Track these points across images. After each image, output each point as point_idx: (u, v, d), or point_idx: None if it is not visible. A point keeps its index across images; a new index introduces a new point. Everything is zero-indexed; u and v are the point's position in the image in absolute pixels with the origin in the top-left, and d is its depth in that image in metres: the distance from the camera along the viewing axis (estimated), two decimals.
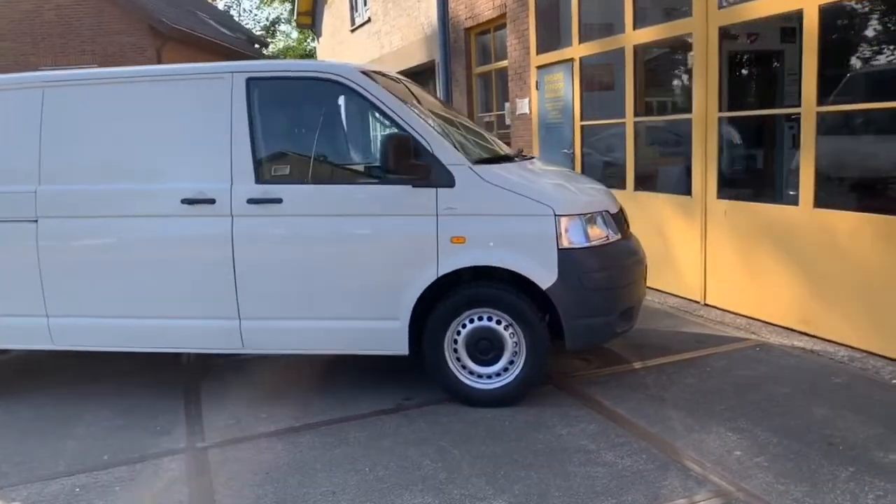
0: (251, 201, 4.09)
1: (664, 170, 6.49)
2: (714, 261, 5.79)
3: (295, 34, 37.16)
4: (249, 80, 4.16)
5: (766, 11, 5.10)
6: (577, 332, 3.99)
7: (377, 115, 4.05)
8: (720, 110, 5.60)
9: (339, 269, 4.07)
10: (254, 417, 4.16)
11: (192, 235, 4.17)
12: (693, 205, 5.92)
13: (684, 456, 3.42)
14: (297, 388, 4.56)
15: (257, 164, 4.12)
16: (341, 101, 4.10)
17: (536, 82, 8.31)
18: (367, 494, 3.22)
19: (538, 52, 8.24)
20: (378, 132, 4.19)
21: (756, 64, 5.86)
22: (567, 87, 7.61)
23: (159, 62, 16.51)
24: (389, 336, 4.09)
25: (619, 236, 4.19)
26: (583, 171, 7.53)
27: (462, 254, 3.96)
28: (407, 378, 4.54)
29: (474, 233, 3.95)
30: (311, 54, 28.77)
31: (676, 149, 6.13)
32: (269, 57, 30.36)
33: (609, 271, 4.04)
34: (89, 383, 4.86)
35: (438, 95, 11.19)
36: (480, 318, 4.06)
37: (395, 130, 3.97)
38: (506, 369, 4.09)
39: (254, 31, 36.98)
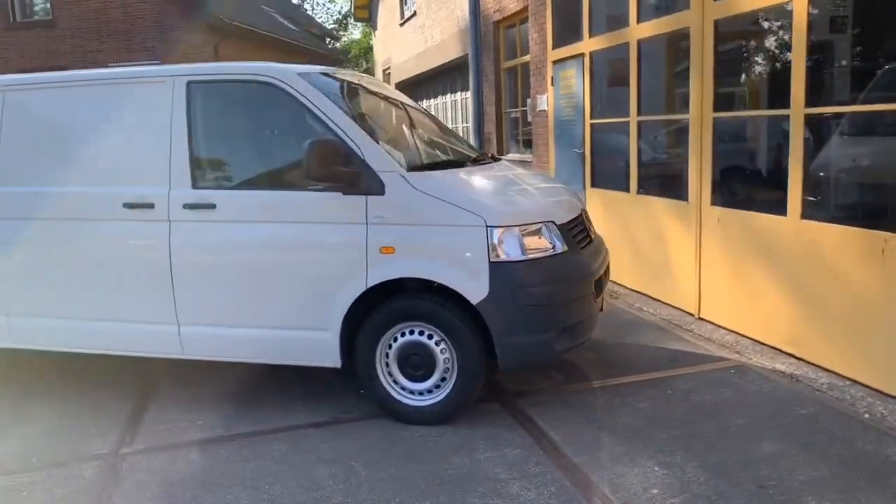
0: (187, 206, 4.05)
1: (665, 172, 6.11)
2: (708, 272, 5.40)
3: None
4: (189, 84, 4.12)
5: (761, 3, 4.68)
6: (510, 350, 3.77)
7: (311, 119, 3.92)
8: (715, 110, 5.20)
9: (270, 278, 3.98)
10: (189, 423, 4.14)
11: (133, 239, 4.17)
12: (689, 211, 5.53)
13: (595, 492, 3.17)
14: (247, 395, 4.51)
15: (194, 168, 4.08)
16: (277, 104, 3.98)
17: (552, 78, 8.00)
18: None
19: (554, 47, 7.92)
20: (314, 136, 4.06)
21: (759, 60, 5.40)
22: (578, 84, 7.28)
23: (216, 58, 16.94)
24: (320, 347, 3.98)
25: (564, 248, 3.92)
26: (592, 173, 7.20)
27: (391, 264, 3.80)
28: (354, 390, 4.41)
29: (404, 243, 3.78)
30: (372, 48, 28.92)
31: (677, 150, 5.74)
32: (337, 51, 30.75)
33: (548, 286, 3.79)
34: (55, 380, 4.95)
35: (471, 90, 10.99)
36: (412, 332, 3.89)
37: (328, 135, 3.84)
38: (437, 386, 3.91)
39: (326, 24, 37.55)
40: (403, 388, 3.96)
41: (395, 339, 3.92)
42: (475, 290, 3.70)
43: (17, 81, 4.52)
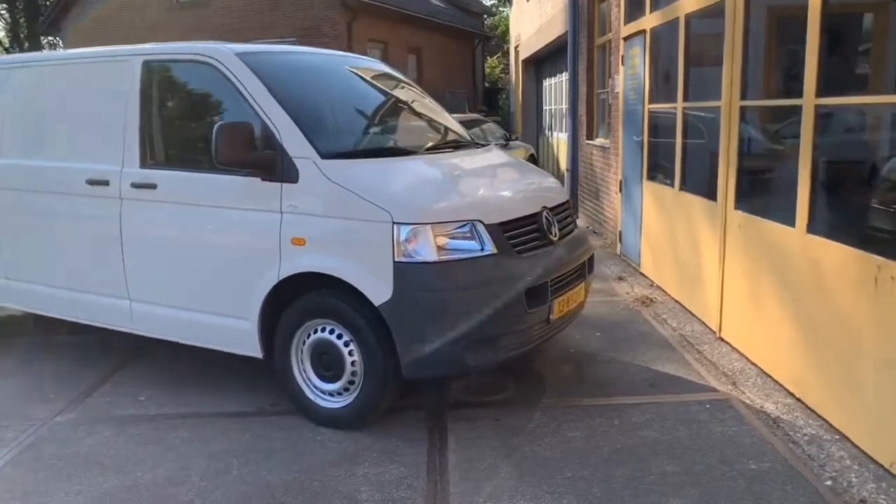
0: (134, 185, 4.09)
1: (704, 167, 5.33)
2: (730, 286, 4.66)
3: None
4: (144, 63, 4.14)
5: None
6: (414, 359, 3.45)
7: (241, 100, 3.78)
8: (742, 98, 4.43)
9: (199, 262, 3.93)
10: (132, 400, 4.22)
11: (92, 215, 4.29)
12: (716, 213, 4.80)
13: None
14: (206, 375, 4.48)
15: (143, 148, 4.11)
16: (215, 84, 3.88)
17: (623, 56, 7.29)
18: (108, 497, 3.11)
19: (625, 22, 7.20)
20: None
21: (785, 43, 4.51)
22: (640, 64, 6.56)
23: (349, 36, 17.35)
24: (242, 336, 3.88)
25: (493, 250, 3.51)
26: (648, 164, 6.48)
27: (301, 257, 3.60)
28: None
29: (313, 235, 3.56)
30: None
31: (716, 143, 4.97)
32: (485, 28, 30.45)
33: (460, 293, 3.41)
34: (58, 339, 5.25)
35: (568, 69, 10.35)
36: (323, 330, 3.67)
37: (255, 118, 3.69)
38: (346, 389, 3.68)
39: (486, 1, 37.27)
40: (317, 388, 3.77)
41: (309, 336, 3.73)
42: (379, 290, 3.41)
43: (10, 61, 4.80)
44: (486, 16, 33.55)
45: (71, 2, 19.77)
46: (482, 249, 3.51)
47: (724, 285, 4.73)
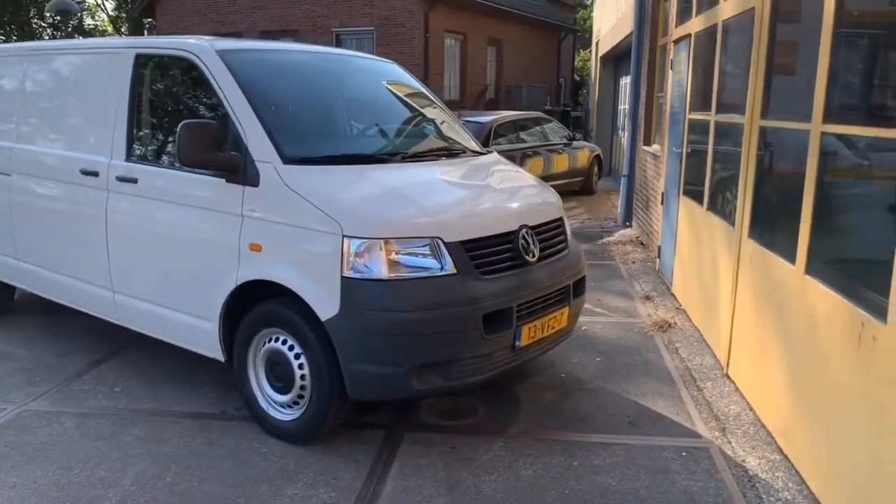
0: (119, 178, 4.11)
1: (729, 189, 4.89)
2: (739, 320, 4.26)
3: None
4: (137, 56, 4.13)
5: None
6: (359, 379, 3.30)
7: (215, 98, 3.71)
8: (763, 116, 4.02)
9: (169, 259, 3.91)
10: (107, 390, 4.26)
11: (84, 205, 4.34)
12: (733, 240, 4.39)
13: None
14: (188, 371, 4.44)
15: (129, 141, 4.12)
16: (195, 81, 3.83)
17: (671, 60, 6.83)
18: (24, 498, 3.11)
19: (677, 24, 6.74)
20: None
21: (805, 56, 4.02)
22: (685, 70, 6.12)
23: (426, 27, 17.26)
24: (205, 337, 3.83)
25: (452, 271, 3.30)
26: (685, 177, 6.05)
27: (256, 264, 3.51)
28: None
29: (269, 242, 3.46)
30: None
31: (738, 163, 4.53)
32: (575, 21, 29.68)
33: (408, 313, 3.22)
34: (64, 320, 5.37)
35: (631, 70, 9.89)
36: (277, 340, 3.57)
37: (227, 118, 3.62)
38: (296, 402, 3.56)
39: None
40: (270, 398, 3.67)
41: (264, 344, 3.63)
42: (325, 305, 3.27)
43: (33, 49, 4.92)
44: (578, 7, 32.75)
45: None
46: (441, 269, 3.31)
47: (735, 319, 4.33)
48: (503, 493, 3.17)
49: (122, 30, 30.65)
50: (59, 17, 22.42)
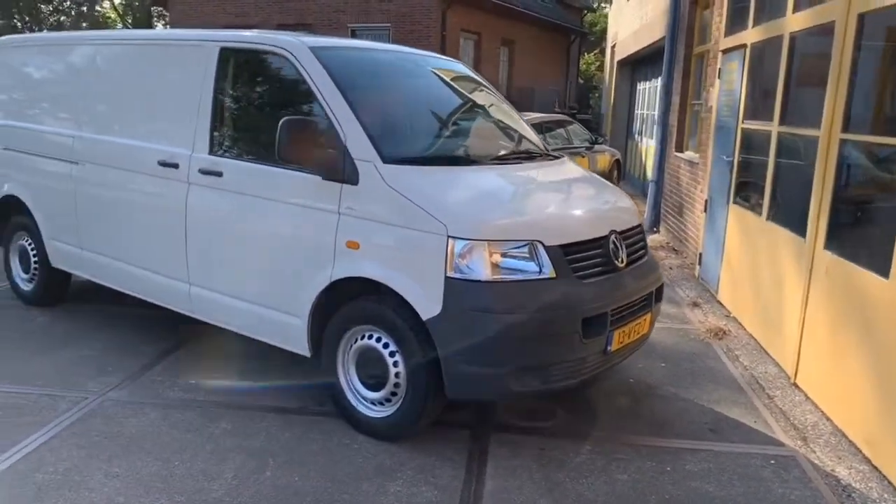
0: (201, 171, 4.11)
1: (796, 198, 4.95)
2: (810, 331, 4.32)
3: None
4: (222, 50, 4.13)
5: None
6: (458, 379, 3.32)
7: (310, 95, 3.72)
8: (844, 130, 4.07)
9: (257, 253, 3.92)
10: (183, 381, 4.27)
11: (161, 196, 4.34)
12: (803, 251, 4.45)
13: None
14: (259, 364, 4.46)
15: (213, 134, 4.12)
16: (286, 77, 3.84)
17: (719, 70, 6.89)
18: (129, 488, 3.12)
19: (725, 34, 6.80)
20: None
21: None
22: (737, 80, 6.17)
23: (443, 25, 17.27)
24: (292, 333, 3.85)
25: (552, 274, 3.33)
26: (738, 184, 6.11)
27: (354, 261, 3.52)
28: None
29: (368, 240, 3.48)
30: None
31: (810, 174, 4.59)
32: (585, 23, 29.76)
33: (512, 315, 3.24)
34: (128, 310, 5.37)
35: (662, 76, 9.94)
36: (370, 337, 3.59)
37: (322, 115, 3.63)
38: (388, 399, 3.58)
39: None
40: (360, 394, 3.69)
41: (356, 341, 3.65)
42: (427, 304, 3.30)
43: (102, 37, 4.92)
44: (585, 11, 32.83)
45: None
46: (540, 272, 3.34)
47: (805, 329, 4.38)
48: (604, 496, 3.21)
49: (128, 20, 30.40)
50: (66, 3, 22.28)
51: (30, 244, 5.47)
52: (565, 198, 3.91)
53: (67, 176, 4.92)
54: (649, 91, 14.30)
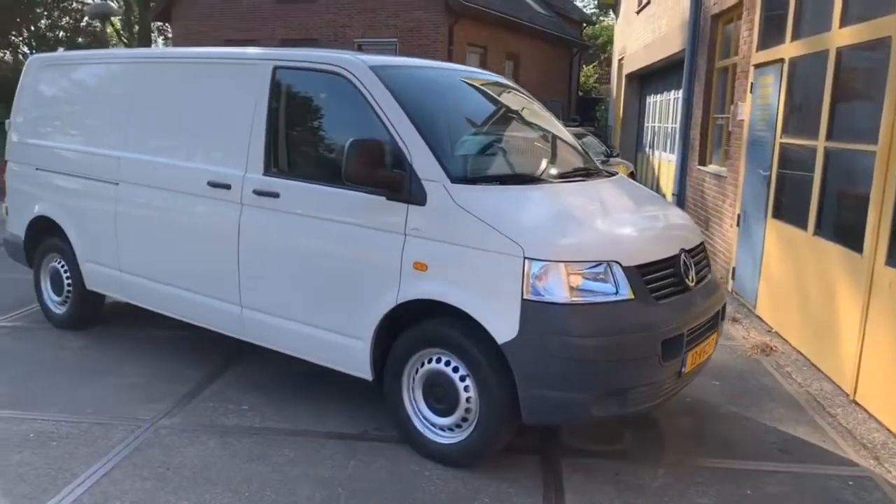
0: (256, 192, 4.03)
1: (848, 214, 4.91)
2: (872, 348, 4.26)
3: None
4: (275, 69, 4.07)
5: None
6: (536, 404, 3.24)
7: (371, 115, 3.66)
8: None
9: (316, 275, 3.84)
10: (235, 407, 4.17)
11: (211, 217, 4.26)
12: (861, 267, 4.39)
13: None
14: (307, 388, 4.39)
15: (268, 154, 4.04)
16: (346, 96, 3.77)
17: (752, 84, 6.87)
18: None
19: (758, 49, 6.78)
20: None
21: None
22: (774, 94, 6.14)
23: (450, 39, 17.26)
24: (354, 356, 3.76)
25: (630, 296, 3.26)
26: (776, 199, 6.07)
27: (422, 283, 3.44)
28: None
29: (437, 261, 3.40)
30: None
31: (864, 189, 4.55)
32: (582, 38, 29.86)
33: (593, 339, 3.17)
34: (164, 333, 5.27)
35: (682, 89, 9.95)
36: (439, 361, 3.51)
37: (384, 135, 3.56)
38: (458, 425, 3.50)
39: (587, 9, 36.71)
40: (426, 420, 3.61)
41: (423, 365, 3.57)
42: (503, 328, 3.22)
43: (142, 56, 4.84)
44: (585, 24, 32.99)
45: None
46: (616, 293, 3.27)
47: (864, 346, 4.32)
48: None
49: (123, 35, 30.23)
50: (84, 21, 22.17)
51: (63, 266, 5.37)
52: (635, 216, 3.84)
53: (107, 197, 4.83)
54: (661, 104, 14.33)
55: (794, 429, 4.08)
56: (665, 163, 13.01)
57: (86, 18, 22.45)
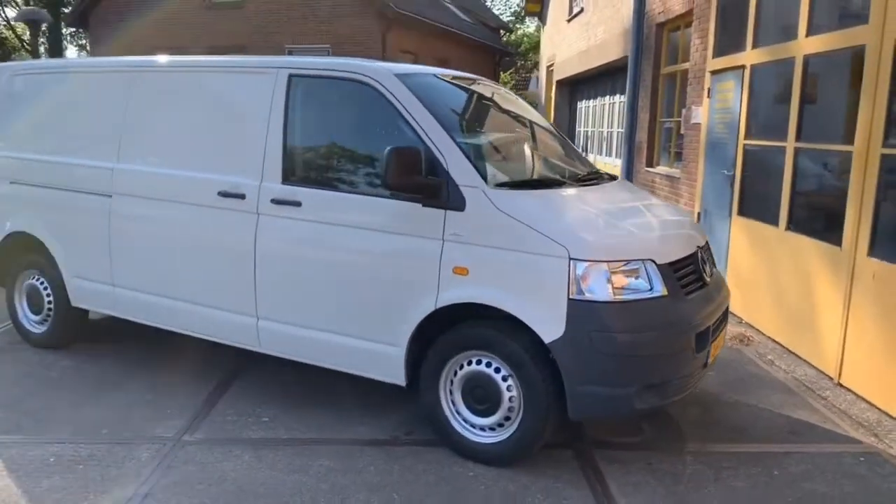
0: (275, 201, 3.98)
1: (820, 210, 5.29)
2: (856, 333, 4.60)
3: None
4: (291, 77, 4.04)
5: None
6: (582, 399, 3.35)
7: (401, 123, 3.69)
8: (885, 145, 4.39)
9: (346, 283, 3.82)
10: (255, 419, 4.10)
11: (224, 228, 4.17)
12: (840, 259, 4.74)
13: None
14: (322, 395, 4.37)
15: (286, 163, 4.00)
16: (370, 104, 3.79)
17: (709, 89, 7.26)
18: None
19: (714, 56, 7.17)
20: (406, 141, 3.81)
21: None
22: (735, 99, 6.52)
23: (383, 46, 17.30)
24: (387, 362, 3.77)
25: (664, 292, 3.42)
26: (741, 200, 6.44)
27: (462, 287, 3.50)
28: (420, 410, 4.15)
29: (479, 265, 3.47)
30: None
31: (839, 186, 4.93)
32: (508, 45, 30.51)
33: (635, 335, 3.32)
34: (155, 347, 5.11)
35: (626, 95, 10.36)
36: (479, 362, 3.57)
37: (416, 142, 3.60)
38: (500, 424, 3.57)
39: (503, 16, 37.43)
40: (466, 421, 3.66)
41: (461, 367, 3.63)
42: (549, 327, 3.32)
43: (141, 64, 4.68)
44: (502, 31, 33.65)
45: None
46: (651, 290, 3.43)
47: (848, 332, 4.67)
48: (725, 502, 3.31)
49: (26, 43, 28.39)
50: None
51: (42, 283, 5.11)
52: (654, 217, 4.02)
53: (98, 210, 4.64)
54: (593, 109, 14.83)
55: (794, 412, 4.36)
56: (600, 165, 13.44)
57: None
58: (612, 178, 4.59)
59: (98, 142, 4.70)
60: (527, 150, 4.24)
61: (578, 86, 16.14)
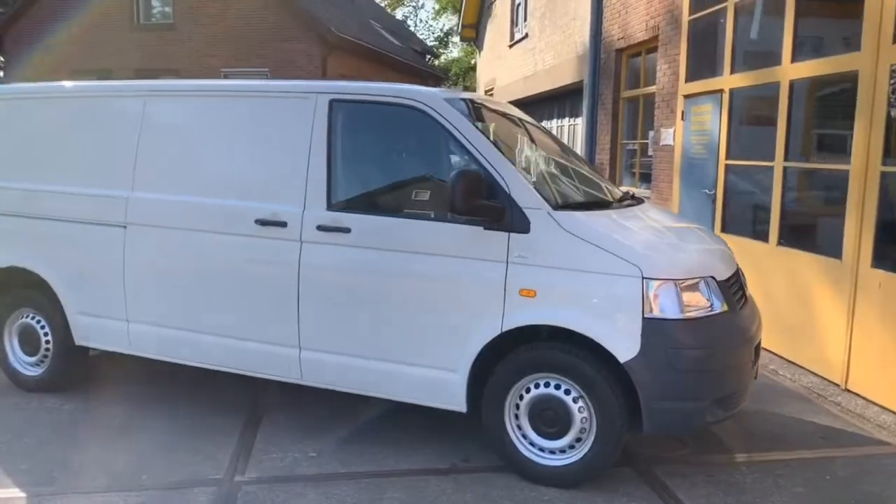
0: (320, 228, 3.89)
1: (813, 226, 5.61)
2: (862, 341, 4.88)
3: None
4: (332, 102, 3.97)
5: None
6: (658, 416, 3.42)
7: (456, 147, 3.70)
8: (884, 164, 4.71)
9: (401, 310, 3.76)
10: (302, 455, 3.95)
11: (262, 257, 4.03)
12: (842, 271, 5.03)
13: None
14: (358, 427, 4.28)
15: (330, 189, 3.92)
16: (421, 129, 3.78)
17: (683, 112, 7.58)
18: None
19: (687, 80, 7.50)
20: (459, 165, 3.83)
21: None
22: (714, 121, 6.84)
23: (324, 70, 17.17)
24: (446, 389, 3.73)
25: (725, 308, 3.54)
26: (724, 216, 6.73)
27: (530, 309, 3.51)
28: (471, 433, 4.11)
29: (547, 287, 3.49)
30: (474, 68, 28.83)
31: (831, 203, 5.25)
32: (437, 69, 30.92)
33: (706, 350, 3.42)
34: (164, 385, 4.88)
35: (584, 118, 10.67)
36: (547, 385, 3.58)
37: (473, 166, 3.61)
38: (571, 446, 3.59)
39: (427, 41, 37.90)
40: (533, 444, 3.66)
41: (528, 391, 3.62)
42: (625, 347, 3.37)
43: (159, 88, 4.49)
44: (428, 56, 34.07)
45: (18, 14, 18.65)
46: (711, 307, 3.54)
47: (854, 340, 4.94)
48: None
49: None
50: None
51: (38, 322, 4.79)
52: (698, 237, 4.14)
53: (111, 241, 4.40)
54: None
55: (816, 418, 4.57)
56: None
57: None
58: (640, 200, 4.72)
59: (106, 170, 4.46)
60: (571, 172, 4.31)
61: (526, 109, 16.46)
